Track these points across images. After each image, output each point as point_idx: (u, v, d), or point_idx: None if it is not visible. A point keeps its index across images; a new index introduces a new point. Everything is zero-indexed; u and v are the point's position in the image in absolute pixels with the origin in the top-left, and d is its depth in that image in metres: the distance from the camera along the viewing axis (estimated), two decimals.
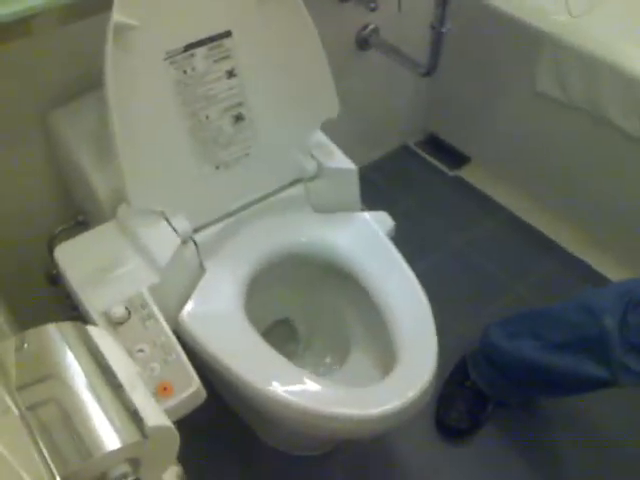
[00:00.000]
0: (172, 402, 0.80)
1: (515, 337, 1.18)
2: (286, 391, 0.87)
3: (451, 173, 1.88)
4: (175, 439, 0.47)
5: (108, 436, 0.42)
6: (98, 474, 0.42)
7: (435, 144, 1.95)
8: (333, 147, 1.10)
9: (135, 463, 0.44)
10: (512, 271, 1.61)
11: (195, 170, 0.97)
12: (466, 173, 1.87)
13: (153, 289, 0.89)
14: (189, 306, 0.95)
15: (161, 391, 0.80)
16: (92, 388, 0.44)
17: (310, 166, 1.07)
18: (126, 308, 0.86)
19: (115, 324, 0.84)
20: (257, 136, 1.02)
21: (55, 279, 1.09)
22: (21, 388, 0.42)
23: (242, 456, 1.24)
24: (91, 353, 0.47)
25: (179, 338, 0.92)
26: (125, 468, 0.43)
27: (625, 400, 1.30)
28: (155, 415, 0.46)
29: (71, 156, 1.01)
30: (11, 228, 1.14)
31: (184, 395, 0.80)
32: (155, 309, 0.86)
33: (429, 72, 1.44)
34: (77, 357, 0.46)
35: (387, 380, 0.89)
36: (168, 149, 0.93)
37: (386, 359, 0.97)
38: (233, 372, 0.89)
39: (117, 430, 0.42)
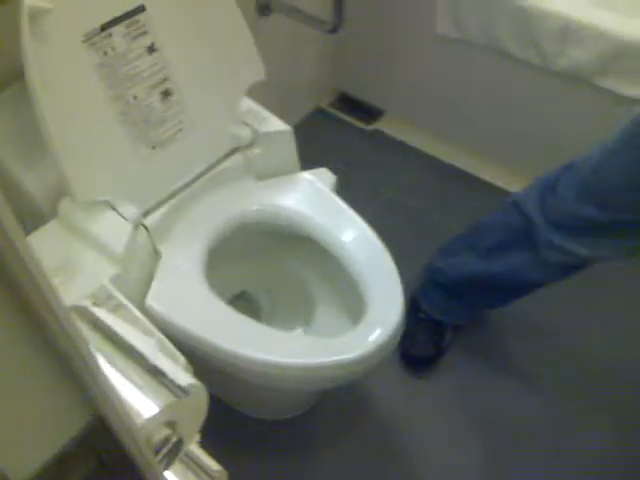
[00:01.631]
0: None
1: (454, 255, 1.26)
2: (265, 351, 0.89)
3: (368, 127, 1.93)
4: (205, 395, 0.48)
5: (144, 404, 0.42)
6: (143, 442, 0.42)
7: (348, 102, 1.99)
8: (265, 112, 1.11)
9: (173, 427, 0.45)
10: (443, 209, 1.69)
11: (132, 153, 0.95)
12: (382, 125, 1.93)
13: (115, 279, 0.87)
14: (153, 290, 0.94)
15: None
16: (118, 367, 0.44)
17: (244, 133, 1.07)
18: (93, 303, 0.83)
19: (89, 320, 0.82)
20: (187, 109, 1.00)
21: None
22: None
23: (227, 433, 1.24)
24: (104, 335, 0.46)
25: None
26: (165, 431, 0.44)
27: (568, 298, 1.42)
28: (183, 376, 0.46)
29: None
30: None
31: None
32: (121, 297, 0.85)
33: (336, 28, 1.46)
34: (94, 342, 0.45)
35: (361, 325, 0.93)
36: (102, 135, 0.90)
37: (352, 309, 1.00)
38: (208, 342, 0.89)
39: (152, 397, 0.43)
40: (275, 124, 1.10)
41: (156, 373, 0.44)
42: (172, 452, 0.43)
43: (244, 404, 1.23)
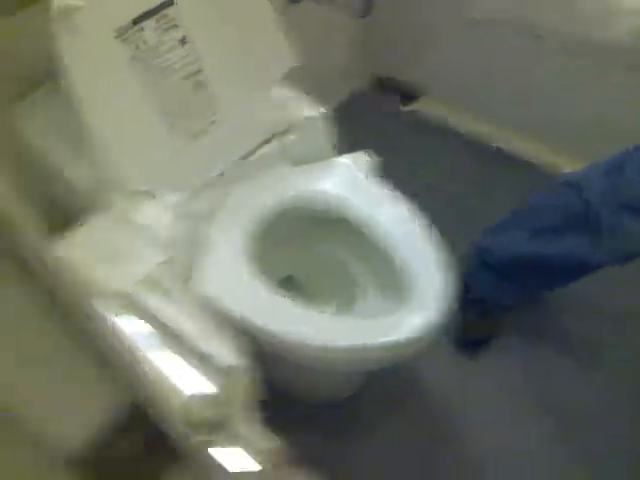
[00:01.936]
0: None
1: (504, 234, 1.22)
2: (310, 333, 0.88)
3: (404, 109, 1.90)
4: (249, 375, 0.48)
5: (186, 385, 0.43)
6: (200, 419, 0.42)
7: (383, 85, 1.97)
8: (300, 97, 1.10)
9: (219, 406, 0.45)
10: (482, 192, 1.66)
11: (169, 143, 0.96)
12: (418, 106, 1.90)
13: (161, 266, 0.88)
14: (199, 275, 0.95)
15: None
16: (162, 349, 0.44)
17: (279, 120, 1.07)
18: (143, 290, 0.85)
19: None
20: (221, 100, 1.01)
21: None
22: None
23: (276, 414, 1.25)
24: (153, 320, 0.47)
25: None
26: (211, 410, 0.44)
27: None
28: (226, 357, 0.46)
29: (40, 153, 0.98)
30: None
31: None
32: (170, 283, 0.86)
33: (365, 13, 1.45)
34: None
35: (407, 307, 0.91)
36: (138, 127, 0.92)
37: (394, 290, 0.99)
38: (255, 325, 0.89)
39: (194, 378, 0.43)
40: (310, 109, 1.09)
41: (200, 355, 0.44)
42: (216, 430, 0.43)
43: (292, 386, 1.23)
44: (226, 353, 0.46)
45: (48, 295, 0.75)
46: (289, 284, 1.22)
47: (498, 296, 1.32)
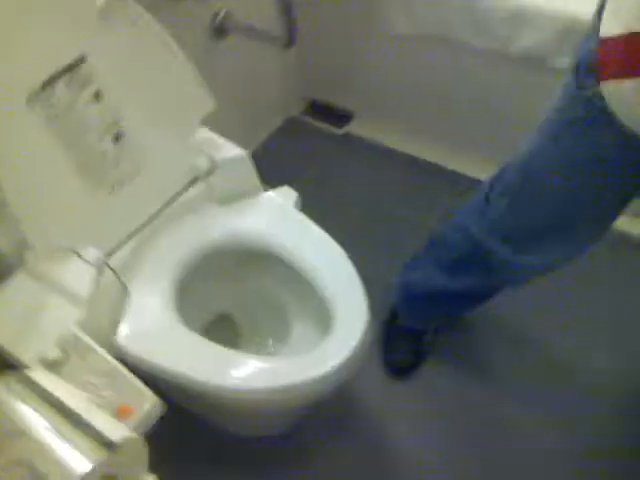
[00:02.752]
0: (134, 420, 0.82)
1: (419, 271, 1.27)
2: (235, 378, 0.92)
3: (340, 131, 1.95)
4: (143, 448, 0.51)
5: (78, 462, 0.45)
6: None
7: (318, 109, 2.01)
8: (219, 139, 1.13)
9: (112, 478, 0.48)
10: (421, 208, 1.71)
11: (90, 198, 0.97)
12: (354, 128, 1.95)
13: (82, 323, 0.90)
14: (123, 329, 0.97)
15: (121, 414, 0.82)
16: (51, 428, 0.47)
17: (202, 163, 1.09)
18: (62, 349, 0.86)
19: (55, 366, 0.85)
20: (142, 148, 1.03)
21: None
22: None
23: (211, 451, 1.27)
24: (40, 396, 0.49)
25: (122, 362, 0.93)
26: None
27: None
28: (117, 430, 0.49)
29: None
30: None
31: (143, 410, 0.83)
32: (89, 341, 0.87)
33: (290, 43, 1.48)
34: (27, 404, 0.48)
35: (325, 343, 0.95)
36: (58, 186, 0.93)
37: (325, 323, 1.03)
38: (179, 375, 0.92)
39: (85, 454, 0.45)
40: (231, 150, 1.12)
41: (91, 431, 0.47)
42: None
43: (231, 425, 1.25)
44: (112, 427, 0.48)
45: None
46: (227, 322, 1.24)
47: (424, 323, 1.38)
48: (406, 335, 1.39)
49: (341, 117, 1.97)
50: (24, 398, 0.48)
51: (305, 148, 1.92)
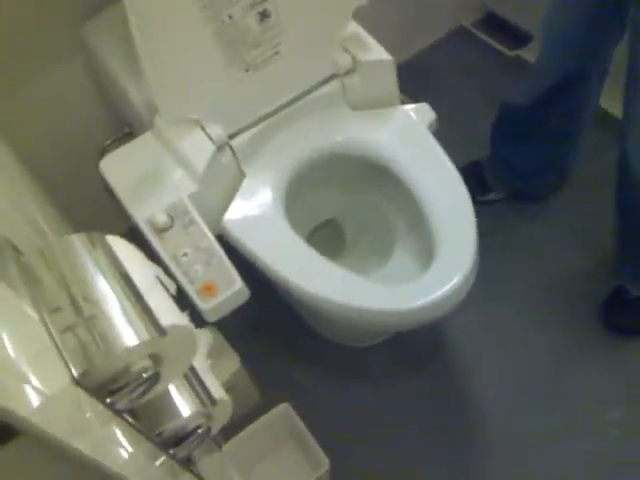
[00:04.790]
0: (216, 300, 0.85)
1: None
2: (328, 289, 0.91)
3: (511, 53, 1.75)
4: (192, 338, 0.51)
5: (128, 334, 0.46)
6: (121, 368, 0.46)
7: (494, 22, 1.81)
8: (368, 38, 1.05)
9: (157, 360, 0.49)
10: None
11: (224, 75, 0.96)
12: (528, 53, 1.74)
13: (194, 196, 0.92)
14: (232, 210, 0.98)
15: (205, 290, 0.86)
16: (112, 292, 0.48)
17: (344, 60, 1.03)
18: (168, 215, 0.90)
19: (159, 230, 0.89)
20: (285, 32, 0.98)
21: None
22: (42, 295, 0.46)
23: (297, 349, 1.31)
24: (110, 261, 0.51)
25: (226, 242, 0.96)
26: (146, 363, 0.48)
27: None
28: (170, 314, 0.49)
29: (106, 69, 1.02)
30: (68, 144, 1.20)
31: (227, 293, 0.86)
32: (196, 215, 0.90)
33: None
34: (95, 264, 0.49)
35: (426, 275, 0.90)
36: (194, 56, 0.92)
37: (427, 254, 0.97)
38: (277, 273, 0.93)
39: (135, 329, 0.46)
40: (377, 53, 1.04)
41: (146, 309, 0.48)
42: (147, 383, 0.47)
43: (314, 324, 1.28)
44: (166, 311, 0.49)
45: None
46: (332, 229, 1.23)
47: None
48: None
49: (517, 38, 1.76)
50: (93, 257, 0.49)
51: (468, 64, 1.76)
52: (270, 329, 1.33)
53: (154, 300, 0.49)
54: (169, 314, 0.49)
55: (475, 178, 1.40)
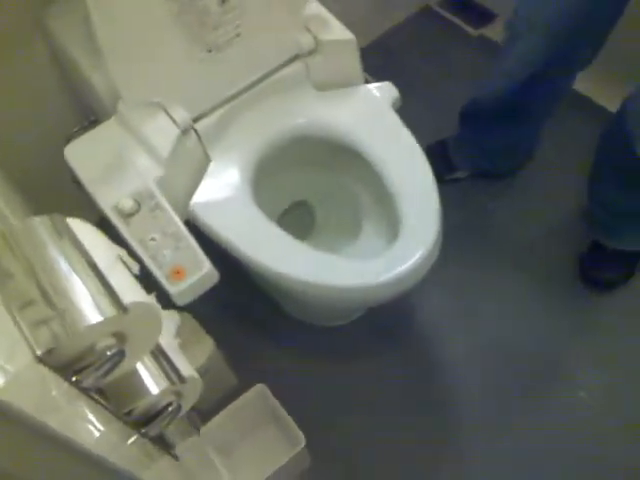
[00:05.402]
0: (185, 284, 0.86)
1: None
2: (297, 269, 0.92)
3: (475, 32, 1.77)
4: (156, 316, 0.52)
5: (90, 312, 0.46)
6: (85, 346, 0.47)
7: (459, 2, 1.82)
8: (330, 17, 1.06)
9: (121, 338, 0.50)
10: None
11: (186, 56, 0.96)
12: (491, 31, 1.76)
13: (159, 181, 0.92)
14: (198, 194, 0.99)
15: (174, 274, 0.86)
16: (73, 272, 0.48)
17: (306, 40, 1.03)
18: (135, 200, 0.90)
19: (126, 216, 0.89)
20: (246, 13, 0.98)
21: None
22: (4, 279, 0.46)
23: (271, 331, 1.32)
24: (71, 242, 0.51)
25: (193, 225, 0.96)
26: (110, 341, 0.48)
27: None
28: (133, 292, 0.50)
29: (67, 56, 1.01)
30: (35, 133, 1.18)
31: (196, 277, 0.86)
32: (162, 200, 0.90)
33: None
34: (57, 246, 0.50)
35: (390, 251, 0.92)
36: (154, 38, 0.92)
37: (393, 229, 0.99)
38: (245, 255, 0.93)
39: (97, 306, 0.47)
40: (339, 32, 1.05)
41: (107, 287, 0.48)
42: (112, 361, 0.47)
43: (287, 306, 1.29)
44: (128, 289, 0.49)
45: None
46: (302, 210, 1.24)
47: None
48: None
49: (481, 16, 1.78)
50: (53, 239, 0.49)
51: (432, 44, 1.77)
52: (242, 310, 1.34)
53: (116, 279, 0.49)
54: (131, 292, 0.50)
55: (441, 157, 1.42)
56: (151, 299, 0.53)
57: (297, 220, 1.21)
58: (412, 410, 1.24)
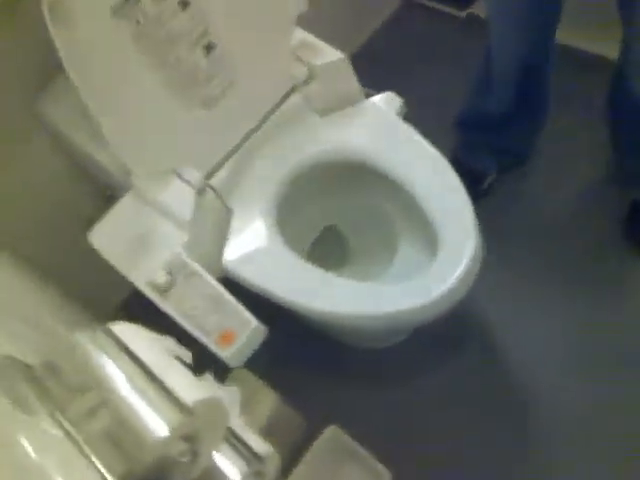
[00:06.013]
0: (235, 346, 0.84)
1: None
2: (335, 303, 0.89)
3: (462, 13, 1.73)
4: (222, 407, 0.50)
5: (155, 426, 0.44)
6: (160, 459, 0.45)
7: None
8: (316, 41, 1.03)
9: (192, 439, 0.47)
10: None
11: (185, 117, 0.95)
12: (478, 7, 1.71)
13: (187, 245, 0.91)
14: (229, 250, 0.97)
15: (223, 339, 0.84)
16: (129, 386, 0.46)
17: (299, 70, 1.01)
18: (168, 272, 0.88)
19: (162, 290, 0.87)
20: (234, 59, 0.97)
21: None
22: (62, 406, 0.44)
23: (330, 365, 1.28)
24: (120, 351, 0.49)
25: (231, 281, 0.94)
26: (182, 446, 0.46)
27: None
28: (193, 389, 0.48)
29: (70, 140, 1.01)
30: (53, 223, 1.17)
31: (245, 336, 0.84)
32: (195, 265, 0.89)
33: None
34: (108, 359, 0.48)
35: (433, 266, 0.88)
36: (150, 107, 0.91)
37: (432, 244, 0.96)
38: (284, 299, 0.91)
39: (162, 417, 0.45)
40: (329, 53, 1.02)
41: (167, 392, 0.46)
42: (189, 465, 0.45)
43: (341, 338, 1.26)
44: (187, 388, 0.47)
45: None
46: (332, 236, 1.21)
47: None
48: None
49: None
50: (107, 351, 0.48)
51: (422, 35, 1.73)
52: (293, 354, 1.30)
53: (173, 379, 0.47)
54: (191, 390, 0.47)
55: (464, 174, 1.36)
56: (210, 386, 0.50)
57: (331, 248, 1.18)
58: (491, 427, 1.18)
